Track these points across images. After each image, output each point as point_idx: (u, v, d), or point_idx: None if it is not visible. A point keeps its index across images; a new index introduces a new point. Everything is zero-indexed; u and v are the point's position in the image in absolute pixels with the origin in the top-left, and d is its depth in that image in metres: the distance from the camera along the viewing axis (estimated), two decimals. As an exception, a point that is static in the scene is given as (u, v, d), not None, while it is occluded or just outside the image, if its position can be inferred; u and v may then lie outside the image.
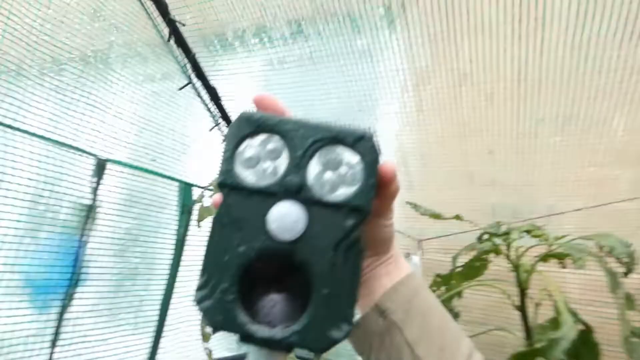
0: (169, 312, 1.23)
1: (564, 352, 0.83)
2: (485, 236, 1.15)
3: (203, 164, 1.42)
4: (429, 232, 1.58)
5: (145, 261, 1.24)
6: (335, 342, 0.31)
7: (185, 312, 1.28)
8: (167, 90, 1.37)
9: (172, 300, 1.23)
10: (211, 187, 1.33)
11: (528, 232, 1.14)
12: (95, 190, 1.05)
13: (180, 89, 1.33)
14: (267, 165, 0.33)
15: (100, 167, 1.07)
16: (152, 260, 1.26)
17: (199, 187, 1.40)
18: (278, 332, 0.31)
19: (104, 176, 1.08)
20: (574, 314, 0.88)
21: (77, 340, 0.98)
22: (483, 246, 1.20)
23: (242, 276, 0.32)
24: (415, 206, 1.29)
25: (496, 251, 1.27)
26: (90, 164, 1.05)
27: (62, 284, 0.95)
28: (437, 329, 0.41)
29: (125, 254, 1.14)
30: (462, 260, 1.33)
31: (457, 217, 1.21)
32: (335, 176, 0.33)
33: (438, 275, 1.23)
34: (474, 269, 1.31)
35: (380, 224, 0.40)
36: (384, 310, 0.41)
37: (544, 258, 1.23)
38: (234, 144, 0.34)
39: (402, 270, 0.43)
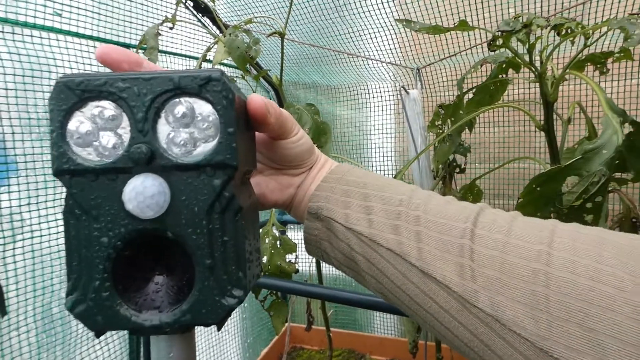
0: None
1: (605, 163, 0.62)
2: (499, 41, 0.87)
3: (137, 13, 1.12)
4: (429, 60, 1.29)
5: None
6: (230, 309, 0.27)
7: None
8: None
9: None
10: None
11: (557, 26, 0.84)
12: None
13: None
14: (108, 137, 0.27)
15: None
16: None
17: (142, 48, 1.12)
18: (167, 316, 0.27)
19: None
20: (620, 113, 0.65)
21: (20, 235, 0.85)
22: (496, 57, 0.93)
23: (114, 267, 0.27)
24: (407, 23, 0.98)
25: (514, 64, 1.00)
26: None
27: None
28: (378, 197, 0.36)
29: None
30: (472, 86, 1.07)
31: (464, 25, 0.91)
32: (188, 134, 0.27)
33: (441, 106, 1.00)
34: (488, 92, 1.06)
35: (286, 145, 0.38)
36: (315, 211, 0.38)
37: (579, 64, 0.95)
38: (60, 121, 0.27)
39: (327, 170, 0.41)
